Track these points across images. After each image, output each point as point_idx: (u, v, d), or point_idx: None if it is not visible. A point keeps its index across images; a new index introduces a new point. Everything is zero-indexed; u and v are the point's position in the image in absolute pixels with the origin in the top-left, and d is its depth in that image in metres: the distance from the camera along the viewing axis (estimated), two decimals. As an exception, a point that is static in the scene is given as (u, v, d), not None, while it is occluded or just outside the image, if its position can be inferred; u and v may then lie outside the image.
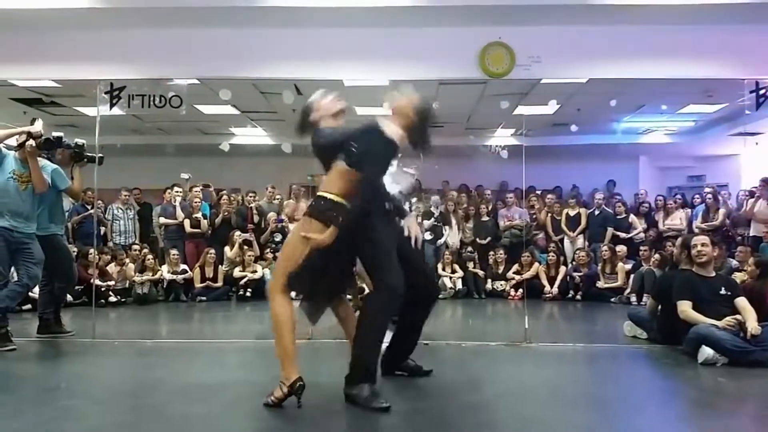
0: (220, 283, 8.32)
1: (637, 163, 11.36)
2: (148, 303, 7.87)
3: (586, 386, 3.75)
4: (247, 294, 8.13)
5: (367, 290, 3.76)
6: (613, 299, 8.08)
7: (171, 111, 5.70)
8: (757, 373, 3.85)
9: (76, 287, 6.72)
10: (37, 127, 4.63)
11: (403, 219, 3.31)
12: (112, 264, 8.07)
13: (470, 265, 8.85)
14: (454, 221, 9.08)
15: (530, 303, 6.78)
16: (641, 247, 8.33)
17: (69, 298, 6.38)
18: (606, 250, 8.43)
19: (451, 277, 8.62)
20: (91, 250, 7.05)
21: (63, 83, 7.09)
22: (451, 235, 9.06)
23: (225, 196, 9.16)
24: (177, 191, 8.82)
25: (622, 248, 8.54)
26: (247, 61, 5.73)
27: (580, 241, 9.08)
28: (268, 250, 8.62)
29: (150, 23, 5.60)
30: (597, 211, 9.13)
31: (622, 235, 8.89)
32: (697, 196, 9.48)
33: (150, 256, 8.26)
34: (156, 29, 5.66)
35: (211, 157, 8.49)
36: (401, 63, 5.68)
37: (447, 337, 5.05)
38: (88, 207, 8.02)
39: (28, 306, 6.43)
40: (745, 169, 9.84)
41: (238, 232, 8.69)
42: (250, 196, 9.20)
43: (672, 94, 7.84)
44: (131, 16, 5.50)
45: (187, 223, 8.63)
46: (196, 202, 8.71)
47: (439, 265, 8.65)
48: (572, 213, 9.20)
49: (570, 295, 8.36)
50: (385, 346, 3.31)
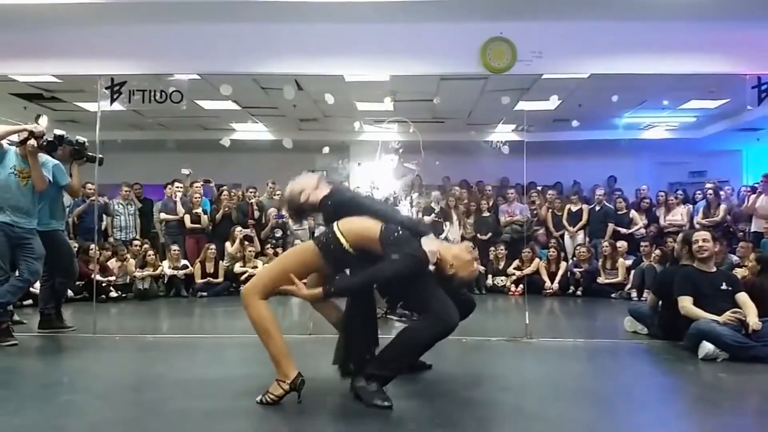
0: (220, 279, 8.33)
1: (638, 158, 11.33)
2: (149, 298, 7.90)
3: (587, 381, 3.74)
4: (248, 289, 8.13)
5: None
6: (613, 295, 8.08)
7: (171, 106, 5.68)
8: (758, 368, 3.85)
9: (77, 282, 6.75)
10: (40, 126, 4.62)
11: (423, 239, 3.07)
12: (113, 259, 8.10)
13: (471, 261, 8.84)
14: (454, 217, 9.06)
15: (531, 298, 6.78)
16: (642, 243, 8.32)
17: (70, 293, 6.38)
18: (607, 246, 8.43)
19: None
20: (92, 246, 7.05)
21: (64, 78, 7.10)
22: (452, 231, 9.03)
23: (225, 192, 9.18)
24: (178, 187, 8.83)
25: (622, 244, 8.54)
26: (248, 57, 5.73)
27: (581, 237, 9.09)
28: (269, 246, 8.66)
29: (151, 18, 5.60)
30: (598, 207, 9.13)
31: (623, 230, 8.90)
32: (699, 191, 9.49)
33: (151, 252, 8.27)
34: (157, 24, 5.65)
35: (212, 153, 8.50)
36: (402, 58, 5.68)
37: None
38: (88, 200, 8.04)
39: (29, 301, 6.45)
40: (747, 165, 9.83)
41: (238, 228, 8.71)
42: (251, 192, 9.22)
43: (674, 90, 7.82)
44: (132, 12, 5.50)
45: (188, 218, 8.65)
46: (196, 198, 8.72)
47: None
48: (574, 209, 9.22)
49: (570, 291, 8.37)
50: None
